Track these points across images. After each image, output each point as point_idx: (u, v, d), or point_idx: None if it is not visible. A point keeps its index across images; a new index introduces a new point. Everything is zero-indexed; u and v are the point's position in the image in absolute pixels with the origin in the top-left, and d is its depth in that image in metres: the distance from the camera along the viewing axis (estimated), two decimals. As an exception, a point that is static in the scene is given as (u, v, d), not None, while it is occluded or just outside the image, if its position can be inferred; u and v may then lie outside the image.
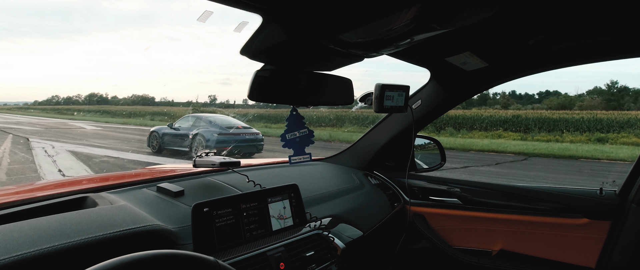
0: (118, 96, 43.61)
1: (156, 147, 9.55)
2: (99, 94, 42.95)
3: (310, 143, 1.12)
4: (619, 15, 0.97)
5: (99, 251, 0.74)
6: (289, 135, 1.08)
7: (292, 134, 1.08)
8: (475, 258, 1.56)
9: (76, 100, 43.31)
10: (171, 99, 37.34)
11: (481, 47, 1.25)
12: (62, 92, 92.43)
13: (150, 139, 9.85)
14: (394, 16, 0.74)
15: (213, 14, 0.79)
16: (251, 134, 9.11)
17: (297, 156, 1.10)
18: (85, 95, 43.65)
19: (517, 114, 18.73)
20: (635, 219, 1.32)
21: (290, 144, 1.08)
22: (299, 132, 1.10)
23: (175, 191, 1.09)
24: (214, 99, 33.95)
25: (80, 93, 59.86)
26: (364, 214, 1.41)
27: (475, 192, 1.60)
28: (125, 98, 40.52)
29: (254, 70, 0.92)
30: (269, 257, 0.95)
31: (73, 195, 0.99)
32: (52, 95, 51.02)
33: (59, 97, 44.81)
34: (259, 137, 9.09)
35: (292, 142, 1.09)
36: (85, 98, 42.87)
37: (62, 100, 43.61)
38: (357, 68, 56.32)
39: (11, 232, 0.71)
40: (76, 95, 49.02)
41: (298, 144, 1.10)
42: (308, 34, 0.84)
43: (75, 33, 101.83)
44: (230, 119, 9.99)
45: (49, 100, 44.72)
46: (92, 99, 41.28)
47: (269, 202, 1.07)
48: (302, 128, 1.10)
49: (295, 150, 1.09)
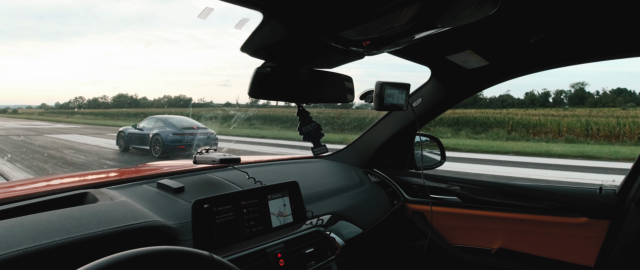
0: (148, 97, 40.16)
1: (123, 146, 10.65)
2: (128, 94, 39.55)
3: (320, 136, 1.12)
4: (619, 14, 0.97)
5: (99, 247, 0.74)
6: (305, 129, 1.08)
7: (306, 127, 1.09)
8: (475, 256, 1.56)
9: (103, 102, 40.02)
10: (209, 100, 34.74)
11: (482, 46, 1.25)
12: (63, 95, 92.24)
13: (118, 138, 10.96)
14: (395, 14, 0.74)
15: (214, 13, 0.79)
16: (205, 133, 10.00)
17: (317, 148, 1.11)
18: (112, 96, 40.68)
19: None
20: (634, 218, 1.32)
21: (309, 136, 1.09)
22: (310, 125, 1.10)
23: (176, 187, 1.09)
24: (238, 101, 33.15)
25: (106, 94, 55.62)
26: (363, 212, 1.42)
27: (475, 191, 1.60)
28: (158, 99, 37.13)
29: (255, 68, 0.92)
30: (268, 254, 0.95)
31: (73, 191, 0.99)
32: (76, 97, 47.73)
33: (83, 99, 41.97)
34: (213, 136, 10.08)
35: (309, 135, 1.09)
36: (114, 99, 39.41)
37: (84, 103, 40.44)
38: (357, 68, 56.23)
39: (12, 227, 0.72)
40: (102, 96, 45.50)
41: (314, 137, 1.10)
42: (308, 31, 0.84)
43: (74, 35, 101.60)
44: (188, 119, 11.01)
45: (66, 104, 41.15)
46: (121, 101, 37.85)
47: (269, 199, 1.08)
48: (311, 122, 1.10)
49: (314, 142, 1.10)
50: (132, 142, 10.47)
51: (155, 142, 9.60)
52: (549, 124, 16.19)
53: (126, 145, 10.61)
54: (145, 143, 9.90)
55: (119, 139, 11.00)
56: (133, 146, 10.48)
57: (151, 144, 9.68)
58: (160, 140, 9.47)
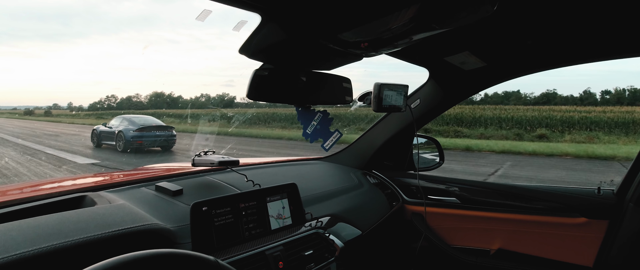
0: (183, 96, 35.91)
1: (96, 142, 12.04)
2: (162, 92, 35.03)
3: (330, 121, 1.11)
4: (618, 14, 0.97)
5: (97, 250, 0.74)
6: (309, 129, 1.08)
7: (310, 125, 1.08)
8: (474, 257, 1.56)
9: (136, 102, 36.27)
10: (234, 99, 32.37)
11: (480, 47, 1.26)
12: (63, 95, 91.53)
13: (92, 136, 12.37)
14: (393, 16, 0.74)
15: (215, 14, 0.79)
16: (164, 131, 11.52)
17: (328, 140, 1.10)
18: (147, 95, 37.00)
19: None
20: (632, 218, 1.33)
21: (315, 134, 1.08)
22: (315, 119, 1.09)
23: (174, 190, 1.09)
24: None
25: (139, 92, 50.79)
26: (362, 213, 1.42)
27: (474, 192, 1.60)
28: (194, 98, 33.42)
29: (253, 70, 0.92)
30: (267, 256, 0.95)
31: (71, 194, 0.99)
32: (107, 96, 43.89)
33: (116, 97, 38.71)
34: (172, 133, 11.42)
35: (315, 133, 1.08)
36: (150, 98, 35.24)
37: (115, 104, 36.64)
38: (357, 69, 56.28)
39: (10, 231, 0.71)
40: (135, 94, 41.94)
41: (321, 130, 1.09)
42: (307, 33, 0.84)
43: (76, 36, 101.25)
44: (151, 119, 12.60)
45: (95, 104, 37.24)
46: (158, 101, 33.56)
47: (267, 201, 1.08)
48: (315, 114, 1.09)
49: (322, 136, 1.09)
50: (103, 138, 11.76)
51: (119, 138, 11.01)
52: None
53: (98, 141, 11.93)
54: (113, 139, 11.27)
55: (93, 136, 12.32)
56: (104, 142, 11.73)
57: (116, 140, 11.10)
58: (122, 136, 10.90)
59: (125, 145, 10.78)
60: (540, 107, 20.27)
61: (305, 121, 1.08)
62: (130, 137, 10.76)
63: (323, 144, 1.09)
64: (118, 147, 11.01)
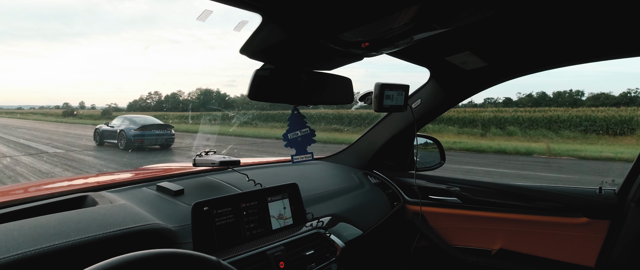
0: (231, 95, 30.51)
1: (98, 141, 12.48)
2: (212, 90, 29.66)
3: (312, 142, 1.13)
4: (618, 14, 0.97)
5: (98, 250, 0.74)
6: (291, 135, 1.09)
7: (294, 133, 1.09)
8: (475, 257, 1.56)
9: (183, 99, 31.56)
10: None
11: (481, 47, 1.25)
12: (64, 96, 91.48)
13: (95, 134, 12.84)
14: (393, 15, 0.74)
15: (216, 14, 0.80)
16: (164, 130, 11.97)
17: (300, 155, 1.12)
18: (189, 93, 32.65)
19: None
20: (634, 218, 1.32)
21: (293, 143, 1.10)
22: (301, 131, 1.11)
23: (175, 190, 1.09)
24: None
25: (181, 89, 45.48)
26: (363, 213, 1.41)
27: (475, 192, 1.60)
28: (241, 96, 28.31)
29: (254, 70, 0.92)
30: (268, 256, 0.95)
31: (73, 194, 0.99)
32: (149, 93, 38.02)
33: (159, 94, 33.45)
34: (170, 132, 11.88)
35: (294, 142, 1.10)
36: (197, 96, 30.59)
37: (153, 103, 32.19)
38: (358, 69, 56.23)
39: (11, 231, 0.71)
40: (178, 90, 37.35)
41: (300, 143, 1.11)
42: (307, 34, 0.84)
43: (77, 36, 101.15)
44: (151, 118, 12.94)
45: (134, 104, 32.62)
46: (206, 99, 29.32)
47: (268, 201, 1.08)
48: (304, 127, 1.11)
49: (298, 149, 1.11)
50: (106, 137, 12.20)
51: (121, 136, 11.44)
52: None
53: (101, 140, 12.40)
54: (115, 138, 11.71)
55: (95, 135, 12.77)
56: (106, 140, 12.19)
57: (118, 138, 11.53)
58: (124, 135, 11.33)
59: (126, 144, 11.17)
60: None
61: (293, 126, 1.10)
62: (132, 136, 11.20)
63: (295, 154, 1.11)
64: (120, 145, 11.38)
